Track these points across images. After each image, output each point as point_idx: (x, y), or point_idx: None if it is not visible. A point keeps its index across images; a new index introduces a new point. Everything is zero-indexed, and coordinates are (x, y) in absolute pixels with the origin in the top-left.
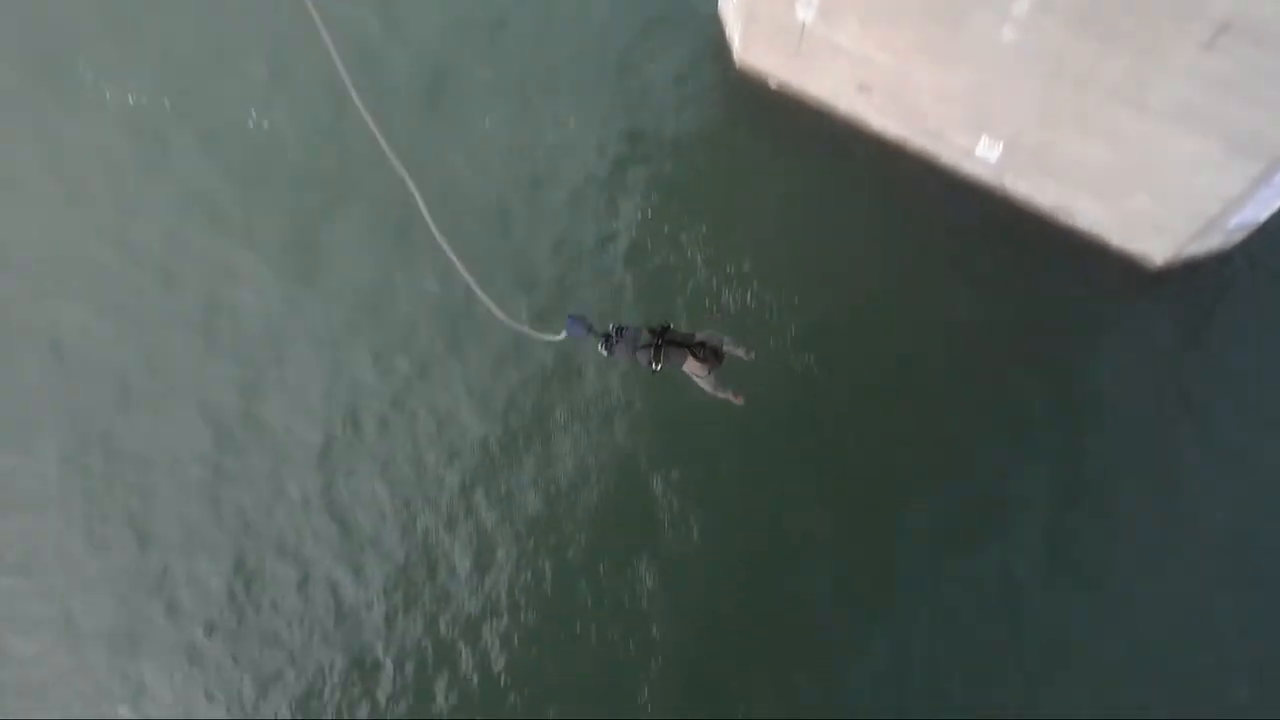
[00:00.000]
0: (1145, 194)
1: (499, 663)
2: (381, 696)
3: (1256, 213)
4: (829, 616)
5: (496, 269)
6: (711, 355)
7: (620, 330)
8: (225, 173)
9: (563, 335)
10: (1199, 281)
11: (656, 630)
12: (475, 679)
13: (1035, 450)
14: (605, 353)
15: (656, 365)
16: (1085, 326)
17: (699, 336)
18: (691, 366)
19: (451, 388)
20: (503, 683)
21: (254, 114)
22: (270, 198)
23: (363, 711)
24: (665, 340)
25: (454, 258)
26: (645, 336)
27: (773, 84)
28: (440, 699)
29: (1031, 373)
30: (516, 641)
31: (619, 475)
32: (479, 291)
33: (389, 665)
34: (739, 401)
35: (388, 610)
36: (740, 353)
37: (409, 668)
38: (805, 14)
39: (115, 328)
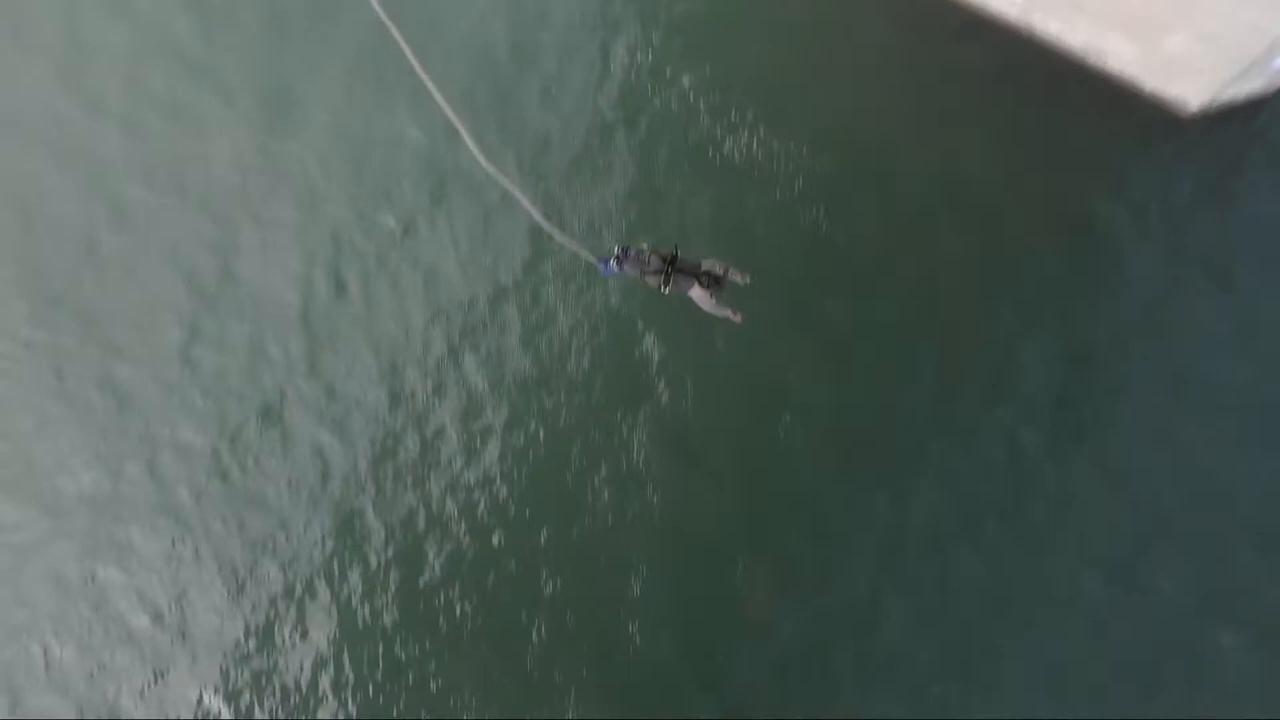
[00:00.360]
0: (1185, 32)
1: (491, 527)
2: (373, 559)
3: None
4: (829, 479)
5: (482, 115)
6: (714, 282)
7: (626, 250)
8: (188, 10)
9: (598, 262)
10: (1231, 130)
11: (652, 494)
12: (467, 542)
13: (1045, 307)
14: (616, 268)
15: (665, 289)
16: (1106, 178)
17: (705, 265)
18: (697, 292)
19: (438, 243)
20: (496, 544)
21: None
22: (238, 38)
23: (355, 574)
24: (675, 269)
25: (459, 125)
26: (656, 262)
27: None
28: (432, 562)
29: (1046, 226)
30: (511, 506)
31: (613, 335)
32: (498, 177)
33: (379, 529)
34: (737, 319)
35: (377, 474)
36: (738, 278)
37: (399, 531)
38: None
39: (78, 181)
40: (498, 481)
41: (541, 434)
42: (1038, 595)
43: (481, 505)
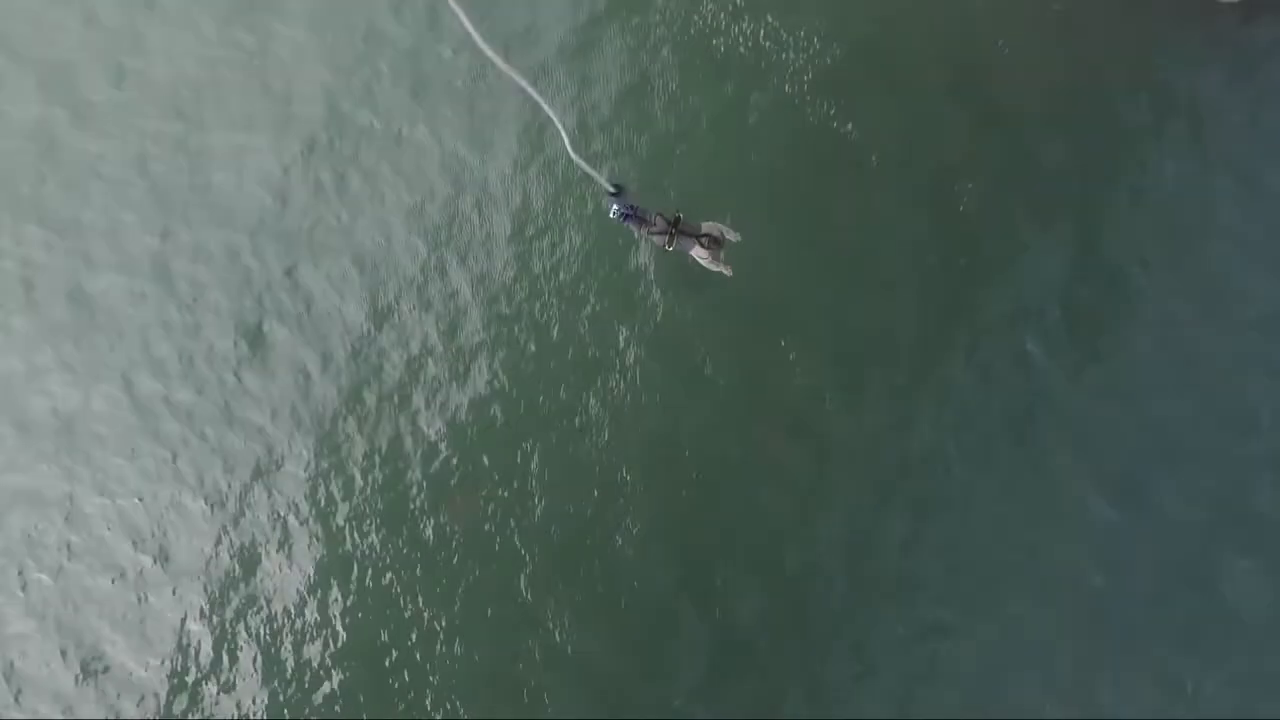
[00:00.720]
0: None
1: (481, 447)
2: (360, 480)
3: None
4: (831, 396)
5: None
6: (714, 243)
7: (634, 209)
8: None
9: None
10: (1273, 18)
11: (649, 413)
12: (456, 463)
13: (1059, 209)
14: (621, 220)
15: (669, 248)
16: (1132, 67)
17: (704, 228)
18: (697, 251)
19: (421, 142)
20: (487, 465)
21: None
22: None
23: (341, 497)
24: (678, 230)
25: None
26: (660, 224)
27: None
28: (421, 483)
29: (1065, 120)
30: (502, 425)
31: (608, 243)
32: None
33: (365, 450)
34: (729, 272)
35: (362, 392)
36: (731, 235)
37: (387, 452)
38: None
39: (34, 75)
40: (488, 399)
41: (533, 348)
42: (1043, 517)
43: (471, 425)
